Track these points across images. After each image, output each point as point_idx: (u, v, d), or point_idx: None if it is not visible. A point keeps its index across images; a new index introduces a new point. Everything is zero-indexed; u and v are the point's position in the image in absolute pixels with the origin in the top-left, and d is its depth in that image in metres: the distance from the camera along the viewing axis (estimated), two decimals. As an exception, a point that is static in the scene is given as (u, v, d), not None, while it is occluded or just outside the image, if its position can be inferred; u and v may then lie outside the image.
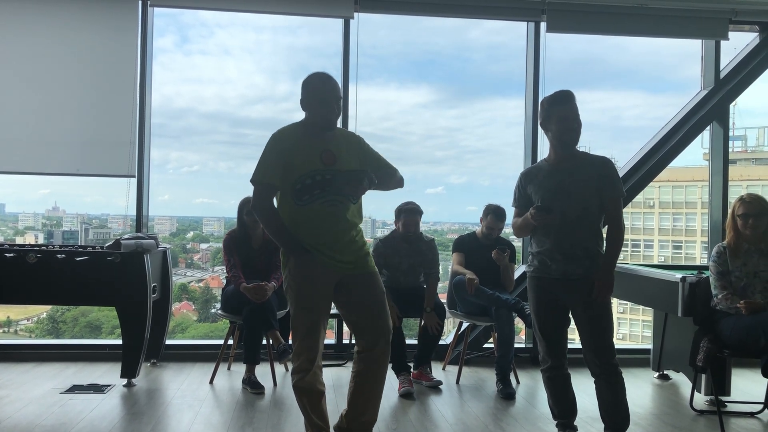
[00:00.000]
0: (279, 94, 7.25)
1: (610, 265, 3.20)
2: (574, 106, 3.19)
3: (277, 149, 2.98)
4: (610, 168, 3.25)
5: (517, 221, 3.38)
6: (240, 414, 3.92)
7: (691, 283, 4.14)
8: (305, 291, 2.97)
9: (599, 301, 3.16)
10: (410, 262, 4.84)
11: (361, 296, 3.03)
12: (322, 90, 3.00)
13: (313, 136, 3.01)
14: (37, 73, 5.17)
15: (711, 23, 5.65)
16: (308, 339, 2.96)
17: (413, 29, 6.51)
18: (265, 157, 2.99)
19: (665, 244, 9.19)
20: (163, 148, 6.20)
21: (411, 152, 7.31)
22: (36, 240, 6.69)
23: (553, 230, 3.20)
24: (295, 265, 2.99)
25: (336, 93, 3.04)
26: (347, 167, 2.99)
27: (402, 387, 4.46)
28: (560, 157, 3.26)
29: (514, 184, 3.44)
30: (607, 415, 3.25)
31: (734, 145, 7.41)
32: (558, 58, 5.91)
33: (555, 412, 3.41)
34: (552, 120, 3.22)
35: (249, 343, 4.45)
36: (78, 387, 4.41)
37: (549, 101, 3.24)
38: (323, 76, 3.04)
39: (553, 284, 3.24)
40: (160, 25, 5.55)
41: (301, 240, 2.98)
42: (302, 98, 3.05)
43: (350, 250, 3.02)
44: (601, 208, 3.22)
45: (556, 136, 3.23)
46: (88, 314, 6.83)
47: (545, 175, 3.28)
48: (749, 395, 4.48)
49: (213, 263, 7.55)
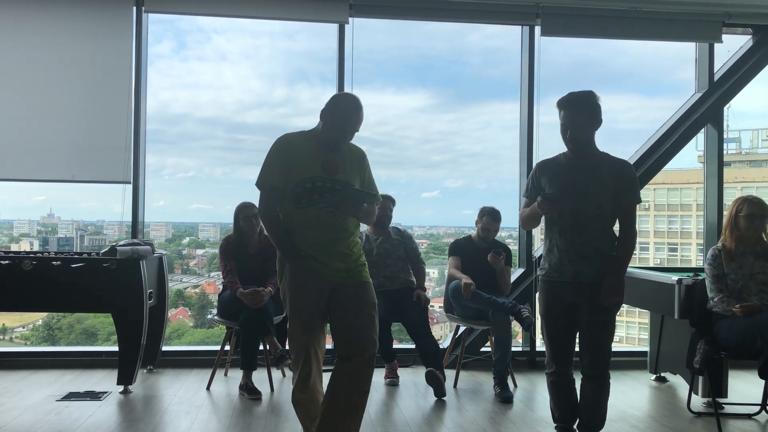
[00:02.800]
0: (276, 100, 7.25)
1: (621, 268, 3.17)
2: (575, 113, 3.11)
3: (280, 152, 3.00)
4: (630, 172, 3.22)
5: (525, 211, 3.33)
6: (237, 420, 3.91)
7: (687, 285, 4.15)
8: (300, 301, 2.98)
9: (605, 304, 3.13)
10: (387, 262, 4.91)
11: (350, 305, 2.99)
12: (348, 118, 2.99)
13: (319, 144, 3.02)
14: (32, 79, 5.16)
15: (704, 26, 5.68)
16: (305, 349, 2.95)
17: (411, 34, 6.52)
18: (268, 161, 3.01)
19: (661, 247, 9.20)
20: (159, 154, 6.19)
21: (407, 156, 7.31)
22: (31, 247, 6.67)
23: (566, 228, 3.16)
24: (291, 273, 2.99)
25: (357, 125, 3.03)
26: (346, 179, 2.99)
27: (387, 377, 4.76)
28: (577, 154, 3.20)
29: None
30: (586, 415, 3.27)
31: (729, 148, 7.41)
32: (557, 62, 5.93)
33: (555, 416, 3.39)
34: (559, 119, 3.18)
35: (246, 348, 4.44)
36: (74, 394, 4.39)
37: (560, 101, 3.17)
38: (355, 103, 3.01)
39: (564, 287, 3.19)
40: (158, 32, 5.56)
41: (298, 246, 2.97)
42: (325, 110, 3.02)
43: (344, 259, 3.00)
44: (614, 211, 3.18)
45: (561, 137, 3.21)
46: (84, 321, 6.80)
47: (562, 170, 3.22)
48: (746, 397, 4.49)
49: (209, 269, 7.52)
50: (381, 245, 4.92)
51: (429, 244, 7.41)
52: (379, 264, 4.86)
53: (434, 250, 7.29)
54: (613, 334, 3.23)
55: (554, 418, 3.41)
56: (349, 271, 3.01)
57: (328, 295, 2.99)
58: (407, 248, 4.97)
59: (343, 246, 3.00)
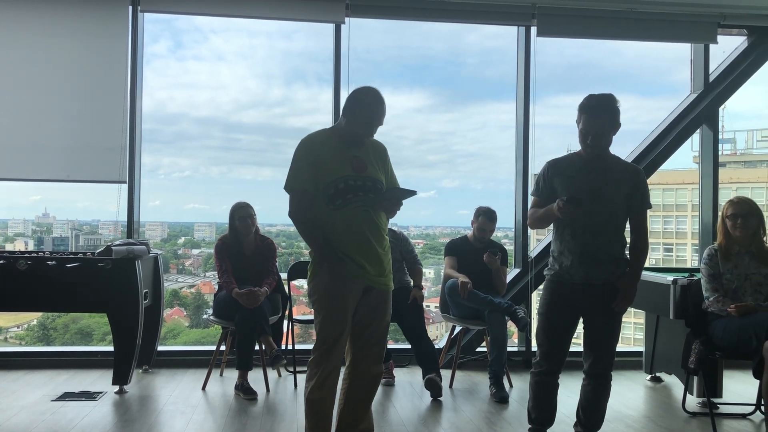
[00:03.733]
0: (272, 100, 7.24)
1: (636, 275, 3.16)
2: (598, 120, 3.05)
3: (307, 155, 2.97)
4: (643, 178, 3.20)
5: (537, 211, 3.22)
6: (233, 420, 3.90)
7: (682, 285, 4.17)
8: (337, 303, 2.94)
9: (617, 310, 3.14)
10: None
11: (376, 314, 3.04)
12: (374, 112, 2.99)
13: (343, 143, 3.01)
14: (27, 79, 5.15)
15: (700, 27, 5.69)
16: (333, 351, 2.96)
17: (409, 34, 6.52)
18: (296, 164, 2.98)
19: (656, 247, 9.24)
20: (155, 154, 6.17)
21: (403, 156, 7.31)
22: (26, 247, 6.64)
23: (579, 232, 3.12)
24: (329, 274, 2.94)
25: (382, 118, 3.04)
26: (375, 175, 3.01)
27: (383, 377, 4.59)
28: (591, 156, 3.16)
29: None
30: (585, 415, 3.27)
31: (724, 148, 7.46)
32: (554, 63, 5.93)
33: (532, 417, 3.35)
34: (579, 122, 3.12)
35: (241, 348, 4.43)
36: (69, 394, 4.38)
37: (582, 104, 3.10)
38: (378, 97, 3.01)
39: (572, 288, 3.15)
40: (155, 31, 5.55)
41: (335, 248, 2.95)
42: (349, 107, 3.00)
43: (380, 261, 3.01)
44: (625, 216, 3.18)
45: (578, 139, 3.16)
46: (79, 321, 6.78)
47: (577, 171, 3.16)
48: (741, 397, 4.50)
49: (204, 269, 7.51)
50: None
51: (425, 244, 7.42)
52: None
53: (430, 250, 7.29)
54: (619, 337, 3.22)
55: (530, 419, 3.36)
56: (382, 275, 3.03)
57: (360, 297, 3.01)
58: (403, 250, 4.97)
59: (381, 246, 3.02)
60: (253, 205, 4.75)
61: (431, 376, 4.45)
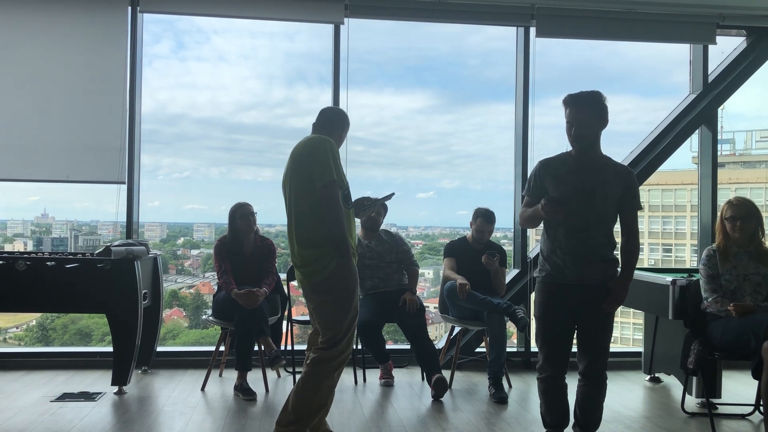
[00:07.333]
0: (274, 100, 7.23)
1: (628, 276, 3.17)
2: (581, 110, 3.05)
3: (334, 154, 3.19)
4: (634, 180, 3.20)
5: (526, 211, 3.23)
6: (232, 421, 3.90)
7: (681, 286, 4.17)
8: (356, 294, 3.24)
9: (608, 310, 3.15)
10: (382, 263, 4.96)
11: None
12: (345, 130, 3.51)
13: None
14: (26, 79, 5.15)
15: (699, 28, 5.70)
16: (353, 339, 3.29)
17: (411, 35, 6.52)
18: (328, 159, 3.13)
19: (655, 248, 9.22)
20: (155, 154, 6.17)
21: (403, 157, 7.32)
22: (25, 247, 6.64)
23: (572, 232, 3.11)
24: (351, 269, 3.19)
25: None
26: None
27: (382, 378, 4.80)
28: (582, 155, 3.15)
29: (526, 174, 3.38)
30: (582, 415, 3.26)
31: (722, 149, 7.45)
32: (554, 64, 5.93)
33: (546, 420, 3.34)
34: (565, 117, 3.12)
35: (241, 349, 4.43)
36: (68, 395, 4.38)
37: (566, 98, 3.11)
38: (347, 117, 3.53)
39: (565, 290, 3.14)
40: (156, 32, 5.54)
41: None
42: (338, 123, 3.43)
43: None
44: (616, 217, 3.18)
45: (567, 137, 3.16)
46: (78, 321, 6.78)
47: (569, 172, 3.14)
48: (740, 397, 4.51)
49: (204, 269, 7.51)
50: (374, 248, 4.93)
51: (424, 245, 7.42)
52: (373, 266, 4.88)
53: (429, 250, 7.29)
54: (611, 335, 3.23)
55: (545, 423, 3.36)
56: None
57: None
58: (399, 252, 4.98)
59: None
60: (252, 206, 4.76)
61: (440, 376, 4.46)
